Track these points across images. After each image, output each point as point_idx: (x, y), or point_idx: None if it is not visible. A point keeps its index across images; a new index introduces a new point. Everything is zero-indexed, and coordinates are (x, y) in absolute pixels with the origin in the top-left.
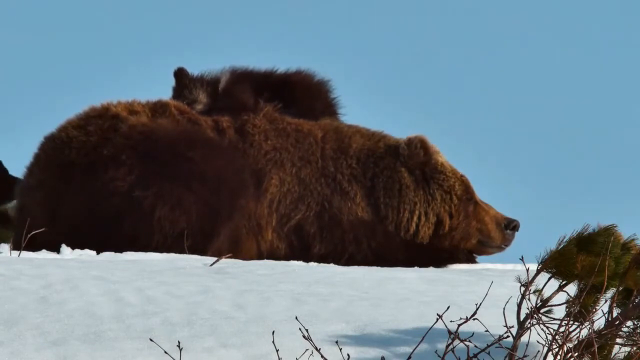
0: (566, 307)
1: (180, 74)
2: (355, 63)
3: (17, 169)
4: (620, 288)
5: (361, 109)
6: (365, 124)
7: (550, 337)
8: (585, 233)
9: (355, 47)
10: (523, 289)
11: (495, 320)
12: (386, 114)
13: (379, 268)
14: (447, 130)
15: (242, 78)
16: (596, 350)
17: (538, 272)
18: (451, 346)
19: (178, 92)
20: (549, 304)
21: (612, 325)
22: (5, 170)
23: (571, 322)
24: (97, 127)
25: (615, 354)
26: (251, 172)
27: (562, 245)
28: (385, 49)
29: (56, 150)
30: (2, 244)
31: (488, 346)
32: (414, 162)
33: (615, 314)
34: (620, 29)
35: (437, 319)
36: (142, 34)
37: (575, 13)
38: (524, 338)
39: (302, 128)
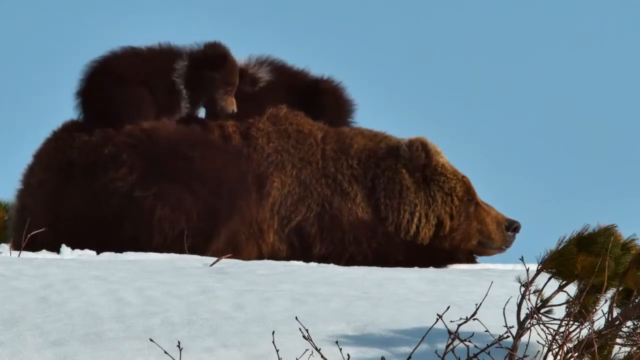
0: (566, 307)
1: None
2: (358, 63)
3: (17, 170)
4: (620, 288)
5: (364, 108)
6: (368, 124)
7: (550, 337)
8: (585, 233)
9: (357, 48)
10: (523, 289)
11: (495, 320)
12: (389, 113)
13: (379, 268)
14: (448, 130)
15: (279, 74)
16: (596, 350)
17: (538, 272)
18: (451, 346)
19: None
20: (549, 304)
21: (612, 325)
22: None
23: (571, 322)
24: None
25: (615, 354)
26: (254, 176)
27: (562, 245)
28: (387, 50)
29: (58, 150)
30: (2, 244)
31: (488, 346)
32: (415, 165)
33: (615, 314)
34: (622, 28)
35: (437, 319)
36: (143, 35)
37: (577, 12)
38: (524, 338)
39: (303, 129)
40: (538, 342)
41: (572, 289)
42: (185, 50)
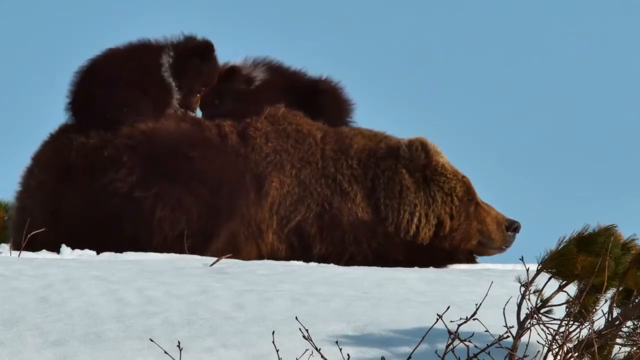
0: (566, 307)
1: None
2: (357, 63)
3: (17, 170)
4: (620, 288)
5: (364, 108)
6: (367, 124)
7: (550, 337)
8: (585, 233)
9: (357, 48)
10: (523, 289)
11: (495, 320)
12: (389, 113)
13: (379, 268)
14: (448, 130)
15: (276, 74)
16: (596, 350)
17: (538, 272)
18: (451, 346)
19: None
20: (549, 304)
21: (612, 325)
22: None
23: (571, 322)
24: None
25: (615, 354)
26: (252, 176)
27: (562, 245)
28: (387, 49)
29: (56, 152)
30: (2, 244)
31: (488, 346)
32: (415, 165)
33: (615, 314)
34: (622, 28)
35: (437, 319)
36: (143, 35)
37: (577, 11)
38: (524, 338)
39: (302, 129)
40: (538, 342)
41: (572, 289)
42: (167, 42)
